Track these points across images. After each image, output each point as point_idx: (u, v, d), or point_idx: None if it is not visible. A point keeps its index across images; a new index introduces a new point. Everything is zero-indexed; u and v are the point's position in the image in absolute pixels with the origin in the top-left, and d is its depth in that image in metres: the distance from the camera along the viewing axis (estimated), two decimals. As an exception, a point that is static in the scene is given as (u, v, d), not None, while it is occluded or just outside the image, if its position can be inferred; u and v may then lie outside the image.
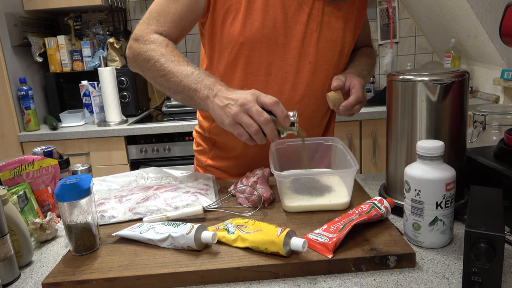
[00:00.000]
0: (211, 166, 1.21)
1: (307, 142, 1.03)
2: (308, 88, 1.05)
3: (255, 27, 0.98)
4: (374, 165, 2.35)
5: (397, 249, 0.68)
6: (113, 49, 2.51)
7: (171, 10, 1.00)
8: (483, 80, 2.37)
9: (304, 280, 0.66)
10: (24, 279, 0.72)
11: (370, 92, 2.83)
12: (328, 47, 1.04)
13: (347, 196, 0.86)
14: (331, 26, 1.03)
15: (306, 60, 1.03)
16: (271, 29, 0.99)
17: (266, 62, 1.01)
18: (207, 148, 1.21)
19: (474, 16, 2.03)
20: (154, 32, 0.99)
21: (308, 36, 1.02)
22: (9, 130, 2.32)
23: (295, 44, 1.01)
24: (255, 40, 0.99)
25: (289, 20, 1.00)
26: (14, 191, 0.85)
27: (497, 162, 0.83)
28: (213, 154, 1.20)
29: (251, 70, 1.02)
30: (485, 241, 0.56)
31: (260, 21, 0.98)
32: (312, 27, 1.02)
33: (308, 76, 1.04)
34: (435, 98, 0.77)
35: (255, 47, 0.99)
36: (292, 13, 1.00)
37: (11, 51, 2.33)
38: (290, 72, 1.03)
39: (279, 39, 1.00)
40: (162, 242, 0.74)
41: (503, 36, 0.84)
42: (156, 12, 1.00)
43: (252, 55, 1.01)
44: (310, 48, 1.02)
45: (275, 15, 0.99)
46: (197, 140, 1.26)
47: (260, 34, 0.98)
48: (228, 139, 1.14)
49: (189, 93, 0.90)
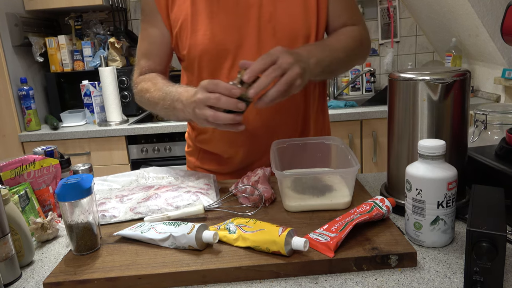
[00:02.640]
0: (199, 167, 1.22)
1: (309, 141, 1.02)
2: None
3: (206, 38, 1.00)
4: (375, 165, 2.35)
5: (398, 248, 0.68)
6: (113, 49, 2.51)
7: (146, 51, 1.12)
8: (484, 79, 2.36)
9: (306, 280, 0.66)
10: (26, 279, 0.72)
11: (371, 91, 2.83)
12: (289, 36, 0.99)
13: (348, 196, 0.86)
14: (287, 14, 0.99)
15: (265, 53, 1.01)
16: (222, 33, 0.99)
17: (227, 67, 1.02)
18: (195, 150, 1.23)
19: (475, 15, 2.03)
20: (139, 75, 1.13)
21: (262, 30, 0.99)
22: (10, 130, 2.32)
23: (251, 41, 1.00)
24: (209, 50, 1.01)
25: (239, 19, 0.98)
26: (15, 191, 0.85)
27: (498, 161, 0.83)
28: (201, 157, 1.22)
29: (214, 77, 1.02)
30: (487, 240, 0.56)
31: (209, 30, 0.99)
32: (265, 18, 0.98)
33: None
34: (436, 97, 0.77)
35: (211, 56, 1.02)
36: (241, 9, 0.98)
37: (12, 51, 2.33)
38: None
39: (232, 42, 1.00)
40: (163, 242, 0.74)
41: (504, 35, 0.84)
42: (138, 57, 1.15)
43: (212, 64, 1.03)
44: (267, 42, 0.99)
45: (223, 19, 0.99)
46: (187, 142, 1.27)
47: (212, 42, 1.00)
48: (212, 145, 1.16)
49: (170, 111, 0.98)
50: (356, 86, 2.86)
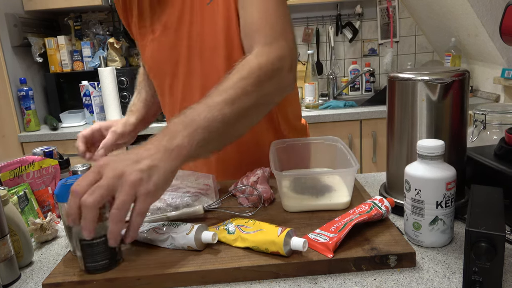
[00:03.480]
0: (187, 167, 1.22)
1: (308, 141, 1.02)
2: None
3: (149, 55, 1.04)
4: (375, 165, 2.35)
5: (397, 248, 0.68)
6: (113, 49, 2.51)
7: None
8: (483, 79, 2.37)
9: (305, 280, 0.66)
10: (25, 280, 0.72)
11: (371, 91, 2.83)
12: (213, 57, 0.96)
13: (348, 196, 0.86)
14: (211, 33, 0.95)
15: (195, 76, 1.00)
16: (159, 52, 1.02)
17: (167, 84, 1.05)
18: None
19: (474, 15, 2.03)
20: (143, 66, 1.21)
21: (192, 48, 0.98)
22: (9, 131, 2.32)
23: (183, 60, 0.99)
24: (152, 67, 1.06)
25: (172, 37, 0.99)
26: (14, 192, 0.85)
27: (497, 161, 0.83)
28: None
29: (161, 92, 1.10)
30: (486, 240, 0.56)
31: (150, 48, 1.03)
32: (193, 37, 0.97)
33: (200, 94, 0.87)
34: (435, 97, 0.77)
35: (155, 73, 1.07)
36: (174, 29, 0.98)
37: (11, 52, 2.33)
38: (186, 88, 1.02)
39: (168, 59, 1.01)
40: (162, 242, 0.74)
41: (503, 35, 0.84)
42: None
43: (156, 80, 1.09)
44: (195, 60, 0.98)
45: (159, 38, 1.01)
46: None
47: (153, 59, 1.05)
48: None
49: None
50: (355, 86, 2.86)
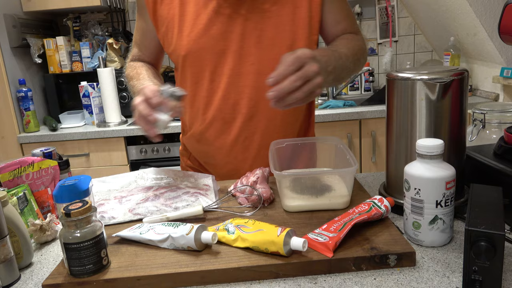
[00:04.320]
0: (191, 167, 1.23)
1: (308, 141, 1.02)
2: (254, 92, 1.02)
3: (191, 39, 1.01)
4: (374, 164, 2.35)
5: (397, 248, 0.68)
6: (112, 50, 2.51)
7: (137, 40, 1.18)
8: (482, 78, 2.37)
9: (305, 280, 0.66)
10: (24, 281, 0.72)
11: (370, 91, 2.83)
12: (274, 45, 1.00)
13: (347, 195, 0.86)
14: (273, 23, 0.99)
15: (247, 62, 1.01)
16: (206, 37, 1.00)
17: (208, 70, 1.03)
18: (186, 151, 1.24)
19: (473, 14, 2.03)
20: (130, 60, 1.20)
21: (247, 36, 1.00)
22: (8, 132, 2.32)
23: (234, 47, 1.00)
24: (192, 51, 1.02)
25: (224, 24, 0.99)
26: (13, 193, 0.85)
27: (496, 160, 0.83)
28: (192, 158, 1.23)
29: (197, 80, 1.05)
30: (485, 239, 0.56)
31: (194, 32, 1.00)
32: (251, 26, 0.99)
33: (252, 79, 1.01)
34: (434, 96, 0.77)
35: (195, 58, 1.03)
36: (227, 16, 0.99)
37: (10, 53, 2.33)
38: (232, 76, 1.02)
39: (216, 45, 1.00)
40: (162, 243, 0.74)
41: (502, 34, 0.84)
42: (132, 43, 1.21)
43: (195, 66, 1.04)
44: (250, 49, 1.00)
45: (208, 23, 0.99)
46: (182, 142, 1.28)
47: (196, 44, 1.01)
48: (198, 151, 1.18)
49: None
50: (354, 86, 2.86)
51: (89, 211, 0.67)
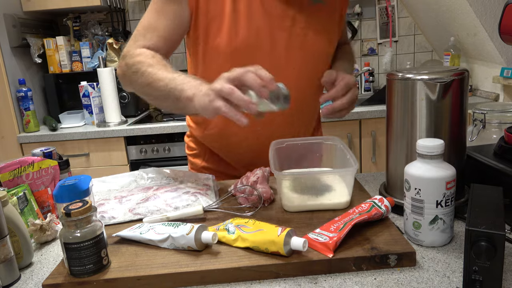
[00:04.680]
0: (207, 168, 1.20)
1: (308, 141, 1.02)
2: (293, 93, 1.01)
3: (241, 37, 0.99)
4: (374, 164, 2.35)
5: (397, 248, 0.68)
6: (112, 50, 2.51)
7: (157, 25, 1.01)
8: (482, 78, 2.37)
9: (305, 280, 0.66)
10: (24, 281, 0.72)
11: (370, 91, 2.83)
12: (313, 51, 1.04)
13: (347, 195, 0.86)
14: (314, 30, 1.03)
15: (290, 65, 1.03)
16: (256, 37, 1.00)
17: None
18: (201, 151, 1.21)
19: (473, 14, 2.03)
20: (141, 47, 1.00)
21: (292, 41, 1.02)
22: (8, 132, 2.32)
23: (280, 50, 1.02)
24: (240, 50, 0.99)
25: (273, 26, 1.00)
26: (13, 193, 0.85)
27: (497, 160, 0.83)
28: (208, 157, 1.20)
29: None
30: (486, 239, 0.56)
31: (245, 30, 0.99)
32: (296, 31, 1.02)
33: (293, 81, 1.02)
34: (434, 96, 0.77)
35: (240, 57, 1.00)
36: (276, 18, 1.00)
37: (10, 52, 2.33)
38: (276, 79, 1.01)
39: (264, 46, 1.01)
40: (162, 243, 0.74)
41: (502, 34, 0.84)
42: (142, 29, 1.02)
43: (238, 64, 0.98)
44: (294, 53, 1.03)
45: (259, 23, 0.99)
46: (189, 145, 1.25)
47: (246, 43, 0.99)
48: (220, 145, 1.16)
49: (175, 94, 0.88)
50: (354, 86, 2.86)
51: (89, 211, 0.67)
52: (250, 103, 0.79)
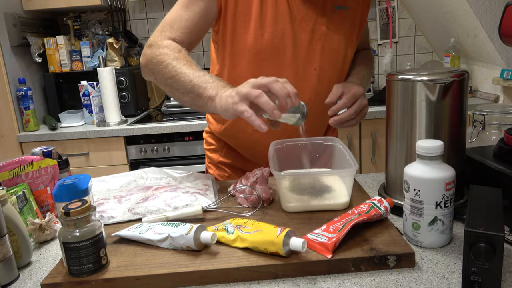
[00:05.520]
0: (224, 163, 1.23)
1: (307, 141, 1.02)
2: (313, 94, 1.07)
3: (266, 38, 1.01)
4: (374, 165, 2.35)
5: (396, 249, 0.68)
6: (112, 49, 2.51)
7: (184, 17, 1.02)
8: (482, 80, 2.37)
9: (304, 280, 0.66)
10: (23, 280, 0.72)
11: (370, 92, 2.83)
12: (333, 54, 1.06)
13: (347, 196, 0.86)
14: (335, 33, 1.05)
15: (311, 67, 1.05)
16: (280, 39, 1.01)
17: (275, 71, 1.02)
18: (218, 147, 1.24)
19: (473, 16, 2.03)
20: (167, 38, 1.01)
21: (314, 43, 1.04)
22: (8, 131, 2.32)
23: (302, 52, 1.04)
24: (265, 51, 1.02)
25: (296, 29, 1.02)
26: (13, 192, 0.85)
27: (496, 162, 0.83)
28: (225, 152, 1.23)
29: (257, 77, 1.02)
30: (485, 240, 0.56)
31: (270, 32, 1.00)
32: (318, 34, 1.04)
33: (314, 82, 1.06)
34: (434, 97, 0.77)
35: (265, 57, 1.02)
36: (299, 21, 1.02)
37: (10, 51, 2.33)
38: (297, 79, 1.04)
39: (287, 48, 1.02)
40: (161, 243, 0.74)
41: (502, 35, 0.84)
42: (170, 20, 1.04)
43: (262, 65, 1.03)
44: (315, 55, 1.04)
45: (284, 25, 1.01)
46: (207, 140, 1.28)
47: (271, 44, 1.01)
48: (238, 141, 1.18)
49: (198, 91, 0.88)
50: (354, 87, 2.86)
51: (89, 211, 0.67)
52: (275, 109, 0.79)
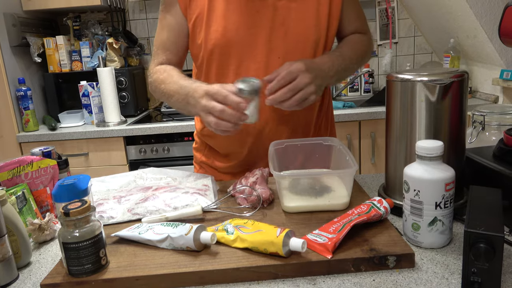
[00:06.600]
0: (205, 163, 1.24)
1: (307, 142, 1.02)
2: None
3: (219, 33, 1.02)
4: (374, 166, 2.35)
5: (396, 249, 0.68)
6: (112, 50, 2.51)
7: (164, 39, 1.12)
8: (482, 80, 2.37)
9: (303, 281, 0.66)
10: (23, 280, 0.72)
11: (370, 92, 2.84)
12: (299, 40, 1.03)
13: (347, 197, 0.86)
14: (300, 19, 1.02)
15: (274, 56, 1.03)
16: (234, 31, 1.01)
17: (235, 64, 1.04)
18: (201, 146, 1.25)
19: (473, 16, 2.03)
20: (157, 64, 1.13)
21: (275, 30, 1.01)
22: (7, 131, 2.32)
23: (262, 41, 1.02)
24: (220, 45, 1.03)
25: (253, 19, 1.01)
26: (12, 192, 0.85)
27: (496, 162, 0.83)
28: (207, 152, 1.23)
29: (222, 73, 1.06)
30: (485, 241, 0.56)
31: (222, 26, 1.02)
32: (279, 21, 1.01)
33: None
34: (434, 98, 0.77)
35: (222, 52, 1.04)
36: (256, 10, 1.01)
37: (10, 52, 2.33)
38: (260, 70, 1.03)
39: (244, 39, 1.02)
40: (161, 243, 0.74)
41: (502, 36, 0.84)
42: (156, 44, 1.14)
43: (221, 59, 1.05)
44: (277, 43, 1.02)
45: (237, 18, 1.01)
46: (195, 138, 1.30)
47: (224, 38, 1.02)
48: (216, 141, 1.18)
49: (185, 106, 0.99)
50: (354, 87, 2.86)
51: (88, 211, 0.67)
52: (240, 117, 0.87)
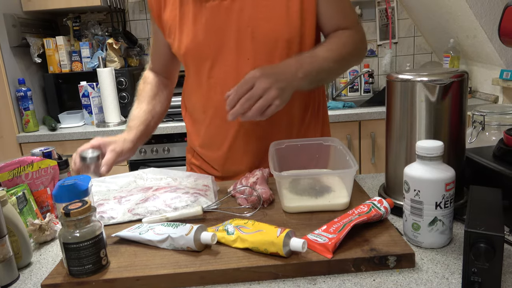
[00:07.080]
0: (194, 164, 1.25)
1: (307, 142, 1.03)
2: None
3: (189, 38, 1.04)
4: (374, 166, 2.35)
5: (396, 249, 0.68)
6: (112, 50, 2.51)
7: (152, 45, 1.21)
8: (482, 80, 2.37)
9: (304, 281, 0.66)
10: (23, 281, 0.72)
11: (369, 92, 2.84)
12: (269, 40, 1.00)
13: (347, 197, 0.86)
14: (267, 18, 0.99)
15: (243, 57, 1.01)
16: (203, 35, 1.02)
17: (207, 67, 1.05)
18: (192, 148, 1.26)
19: (473, 16, 2.03)
20: (148, 70, 1.25)
21: (241, 31, 1.00)
22: (7, 131, 2.32)
23: (230, 43, 1.01)
24: (192, 50, 1.05)
25: (220, 21, 1.01)
26: (13, 192, 0.85)
27: (496, 162, 0.83)
28: (195, 153, 1.24)
29: (198, 77, 1.08)
30: (485, 241, 0.56)
31: (192, 31, 1.03)
32: (244, 21, 0.99)
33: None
34: (434, 98, 0.77)
35: (194, 56, 1.06)
36: (223, 12, 1.00)
37: (10, 52, 2.33)
38: (230, 72, 1.03)
39: (212, 42, 1.02)
40: (161, 243, 0.74)
41: (501, 36, 0.84)
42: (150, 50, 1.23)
43: (195, 64, 1.08)
44: (245, 44, 1.00)
45: (205, 21, 1.01)
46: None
47: (194, 43, 1.04)
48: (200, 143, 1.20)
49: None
50: (354, 87, 2.87)
51: (89, 211, 0.67)
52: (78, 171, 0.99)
